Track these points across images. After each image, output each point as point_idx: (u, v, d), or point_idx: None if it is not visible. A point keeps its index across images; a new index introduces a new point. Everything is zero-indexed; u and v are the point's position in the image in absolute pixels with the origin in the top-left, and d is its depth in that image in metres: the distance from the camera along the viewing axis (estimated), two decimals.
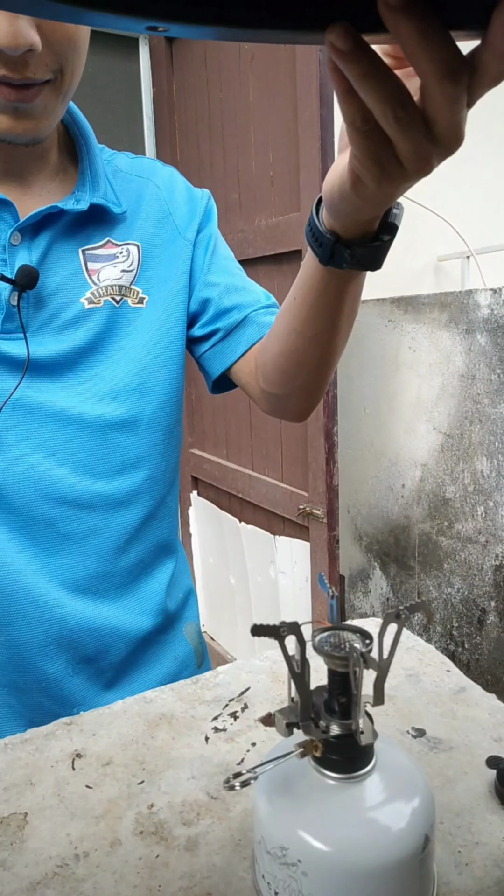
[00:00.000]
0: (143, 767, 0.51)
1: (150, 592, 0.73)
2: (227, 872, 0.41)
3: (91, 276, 0.67)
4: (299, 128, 1.68)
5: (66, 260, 0.66)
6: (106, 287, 0.67)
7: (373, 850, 0.35)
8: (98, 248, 0.68)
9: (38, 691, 0.68)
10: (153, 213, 0.72)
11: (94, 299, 0.67)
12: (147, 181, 0.74)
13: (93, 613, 0.68)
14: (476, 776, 0.49)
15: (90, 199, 0.66)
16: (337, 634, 0.39)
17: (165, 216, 0.73)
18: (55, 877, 0.41)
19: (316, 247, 0.50)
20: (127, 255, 0.69)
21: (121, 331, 0.68)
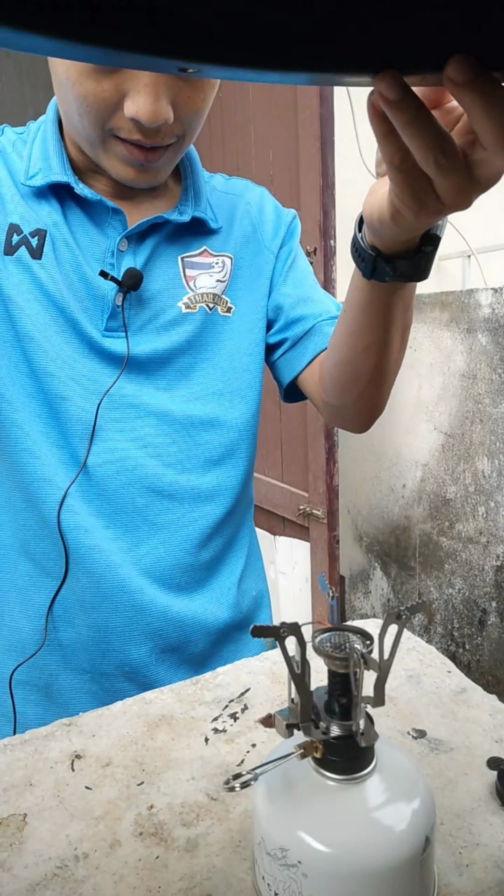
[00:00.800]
0: (142, 768, 0.51)
1: (224, 587, 0.76)
2: (227, 874, 0.41)
3: (188, 283, 0.72)
4: (299, 126, 1.68)
5: (167, 266, 0.72)
6: (202, 294, 0.73)
7: (373, 851, 0.35)
8: (196, 257, 0.73)
9: (121, 676, 0.71)
10: (244, 228, 0.78)
11: (190, 304, 0.72)
12: (239, 198, 0.79)
13: (173, 603, 0.71)
14: (477, 777, 0.48)
15: (192, 212, 0.72)
16: (337, 635, 0.39)
17: (254, 231, 0.78)
18: (55, 878, 0.41)
19: (359, 262, 0.52)
20: (222, 266, 0.75)
21: (211, 336, 0.73)
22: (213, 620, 0.74)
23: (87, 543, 0.68)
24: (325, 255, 1.67)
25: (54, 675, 0.70)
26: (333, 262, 1.68)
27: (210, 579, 0.75)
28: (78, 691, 0.70)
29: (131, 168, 0.63)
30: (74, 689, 0.70)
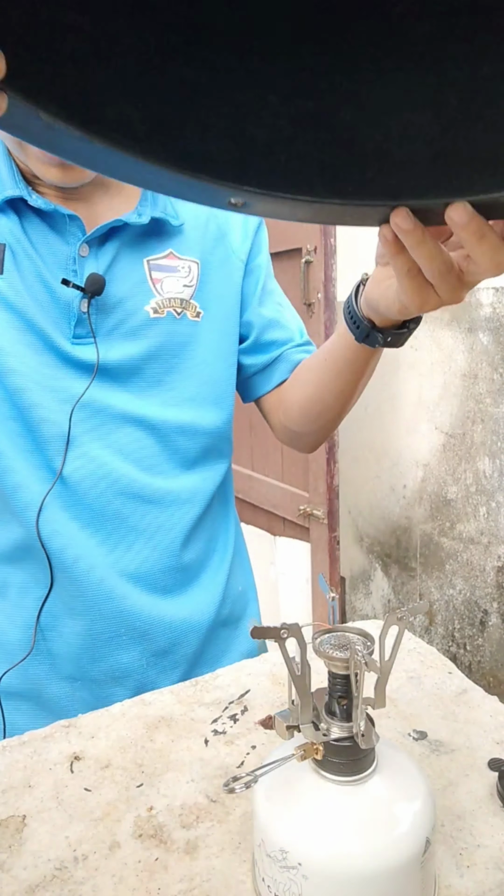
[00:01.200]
0: (142, 770, 0.50)
1: (210, 585, 0.77)
2: (226, 875, 0.41)
3: (155, 286, 0.72)
4: None
5: (132, 269, 0.71)
6: (169, 299, 0.72)
7: (374, 852, 0.35)
8: (162, 259, 0.72)
9: (112, 682, 0.71)
10: (211, 231, 0.77)
11: (158, 309, 0.71)
12: None
13: (160, 606, 0.72)
14: (478, 778, 0.48)
15: (151, 212, 0.70)
16: (338, 636, 0.39)
17: (222, 235, 0.77)
18: (54, 879, 0.41)
19: (353, 328, 0.61)
20: (188, 270, 0.74)
21: (181, 341, 0.73)
22: (201, 619, 0.74)
23: (69, 552, 0.68)
24: (325, 253, 1.67)
25: (44, 684, 0.70)
26: (333, 261, 1.68)
27: (195, 579, 0.76)
28: (69, 699, 0.70)
29: (53, 167, 0.62)
30: (65, 698, 0.70)
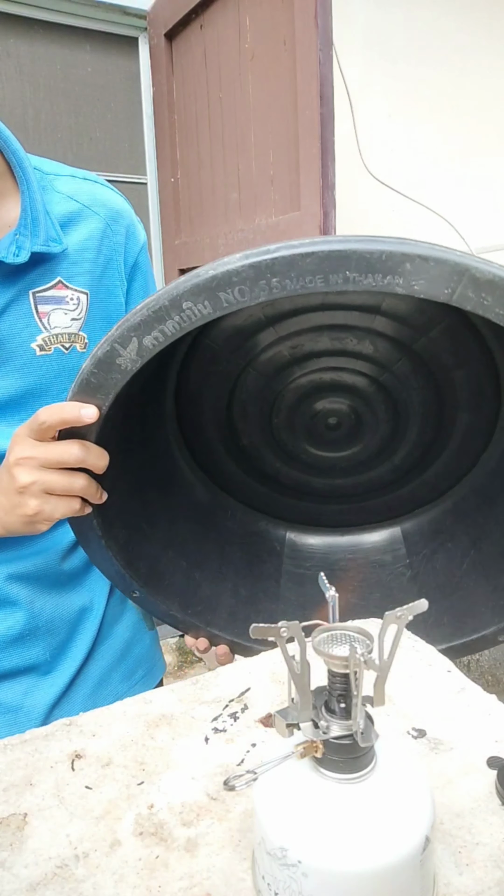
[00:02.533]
0: (142, 768, 0.51)
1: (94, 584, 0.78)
2: (226, 873, 0.41)
3: (42, 320, 0.68)
4: (299, 127, 1.68)
5: (17, 303, 0.66)
6: (56, 335, 0.69)
7: (373, 850, 0.35)
8: (48, 290, 0.68)
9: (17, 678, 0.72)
10: (104, 256, 0.72)
11: (45, 346, 0.68)
12: (93, 214, 0.72)
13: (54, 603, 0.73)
14: (477, 777, 0.48)
15: (31, 247, 0.65)
16: (337, 635, 0.39)
17: (111, 257, 0.73)
18: (55, 877, 0.41)
19: None
20: (77, 302, 0.70)
21: (70, 375, 0.70)
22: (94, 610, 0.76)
23: None
24: None
25: None
26: None
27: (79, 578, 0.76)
28: None
29: None
30: None
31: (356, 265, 0.44)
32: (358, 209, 2.44)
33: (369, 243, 0.45)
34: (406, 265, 0.44)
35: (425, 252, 0.44)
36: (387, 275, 0.44)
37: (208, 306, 0.47)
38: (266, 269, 0.45)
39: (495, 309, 0.45)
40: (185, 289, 0.47)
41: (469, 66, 2.65)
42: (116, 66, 2.47)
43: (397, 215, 2.54)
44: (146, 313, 0.49)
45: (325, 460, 0.77)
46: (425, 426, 0.74)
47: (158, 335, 0.49)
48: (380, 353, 0.69)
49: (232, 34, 1.92)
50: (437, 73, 2.60)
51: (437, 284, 0.44)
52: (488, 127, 2.74)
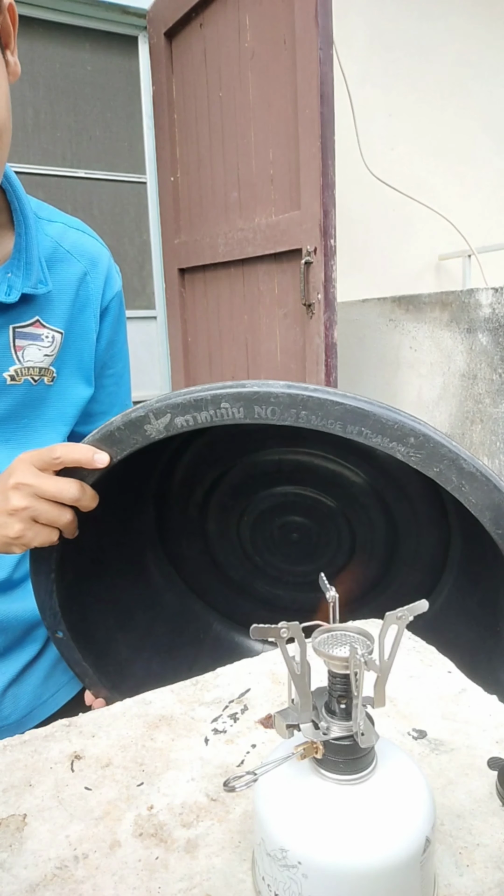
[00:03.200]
0: (142, 769, 0.51)
1: None
2: (226, 874, 0.41)
3: (16, 353, 0.72)
4: (299, 126, 1.68)
5: None
6: (28, 367, 0.73)
7: (373, 851, 0.35)
8: (27, 327, 0.73)
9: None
10: (80, 299, 0.78)
11: (16, 377, 0.72)
12: (78, 263, 0.78)
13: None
14: (477, 778, 0.48)
15: (21, 287, 0.70)
16: (337, 636, 0.39)
17: (88, 304, 0.79)
18: (54, 878, 0.41)
19: None
20: (52, 341, 0.75)
21: (35, 404, 0.75)
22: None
23: None
24: (325, 254, 1.67)
25: None
26: (333, 262, 1.68)
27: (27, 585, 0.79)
28: None
29: None
30: None
31: (372, 425, 0.52)
32: (358, 208, 2.44)
33: (388, 411, 0.52)
34: (411, 439, 0.52)
35: (428, 432, 0.52)
36: (393, 440, 0.52)
37: (242, 412, 0.54)
38: (300, 402, 0.52)
39: (469, 497, 0.53)
40: (228, 393, 0.54)
41: (469, 65, 2.65)
42: (116, 65, 2.47)
43: (397, 214, 2.54)
44: (189, 399, 0.55)
45: (276, 569, 0.81)
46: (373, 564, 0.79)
47: (190, 419, 0.55)
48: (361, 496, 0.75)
49: (232, 33, 1.92)
50: (438, 73, 2.60)
51: (429, 461, 0.52)
52: (488, 126, 2.74)
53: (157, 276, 2.59)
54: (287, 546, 0.78)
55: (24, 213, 0.72)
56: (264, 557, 0.80)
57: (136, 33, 2.43)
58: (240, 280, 2.05)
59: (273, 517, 0.77)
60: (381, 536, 0.77)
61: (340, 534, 0.78)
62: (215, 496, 0.78)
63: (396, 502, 0.74)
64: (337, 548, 0.79)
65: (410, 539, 0.76)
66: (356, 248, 2.45)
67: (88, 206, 2.60)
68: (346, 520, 0.77)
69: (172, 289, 2.49)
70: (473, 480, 0.52)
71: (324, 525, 0.77)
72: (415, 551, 0.77)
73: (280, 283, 1.87)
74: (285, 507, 0.76)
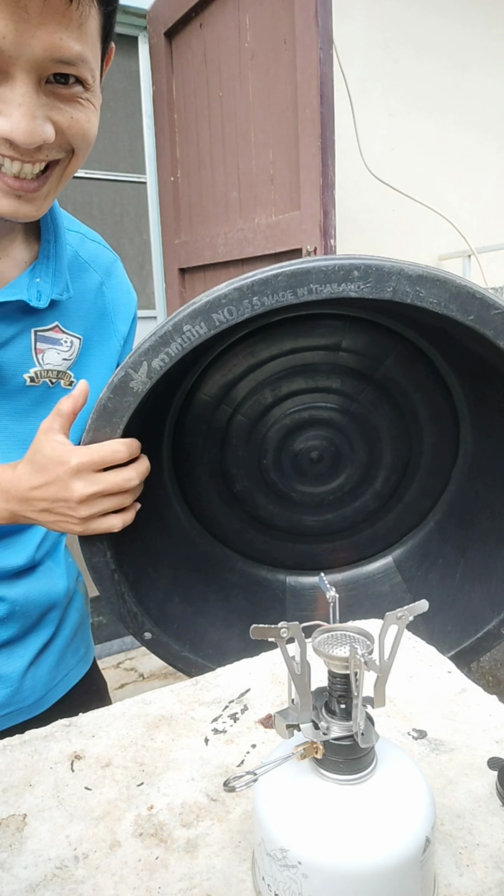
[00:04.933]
0: (142, 769, 0.51)
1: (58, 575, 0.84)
2: (226, 874, 0.41)
3: (37, 356, 0.74)
4: (299, 126, 1.68)
5: (21, 338, 0.73)
6: (47, 370, 0.75)
7: (374, 851, 0.35)
8: (48, 331, 0.75)
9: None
10: (97, 308, 0.80)
11: (35, 378, 0.74)
12: (95, 273, 0.81)
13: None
14: (477, 778, 0.48)
15: (50, 294, 0.72)
16: (338, 636, 0.39)
17: (105, 313, 0.81)
18: (54, 878, 0.41)
19: None
20: (70, 345, 0.77)
21: (49, 406, 0.75)
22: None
23: None
24: (325, 254, 1.67)
25: None
26: None
27: (49, 573, 0.82)
28: None
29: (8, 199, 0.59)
30: None
31: (316, 278, 0.55)
32: (358, 208, 2.44)
33: (325, 261, 0.55)
34: (354, 272, 0.55)
35: (368, 261, 0.55)
36: (340, 283, 0.55)
37: (204, 326, 0.56)
38: (247, 290, 0.55)
39: (429, 299, 0.55)
40: (184, 314, 0.56)
41: (469, 65, 2.65)
42: (116, 65, 2.47)
43: (397, 214, 2.54)
44: (153, 339, 0.57)
45: (314, 496, 0.82)
46: (397, 449, 0.81)
47: (164, 357, 0.57)
48: (346, 385, 0.78)
49: (232, 33, 1.92)
50: (438, 72, 2.60)
51: (380, 286, 0.55)
52: (488, 126, 2.74)
53: (157, 276, 2.59)
54: (311, 467, 0.79)
55: (55, 221, 0.74)
56: (288, 483, 0.81)
57: (136, 33, 2.43)
58: None
59: (292, 439, 0.78)
60: (390, 417, 0.79)
61: (353, 444, 0.79)
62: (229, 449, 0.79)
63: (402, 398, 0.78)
64: (352, 459, 0.80)
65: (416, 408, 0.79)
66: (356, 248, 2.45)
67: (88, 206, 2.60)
68: (358, 426, 0.79)
69: (172, 289, 2.48)
70: (425, 281, 0.55)
71: (332, 430, 0.78)
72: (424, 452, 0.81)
73: None
74: (292, 430, 0.78)
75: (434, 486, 0.84)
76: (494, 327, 0.55)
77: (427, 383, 0.77)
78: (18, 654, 0.79)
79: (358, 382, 0.78)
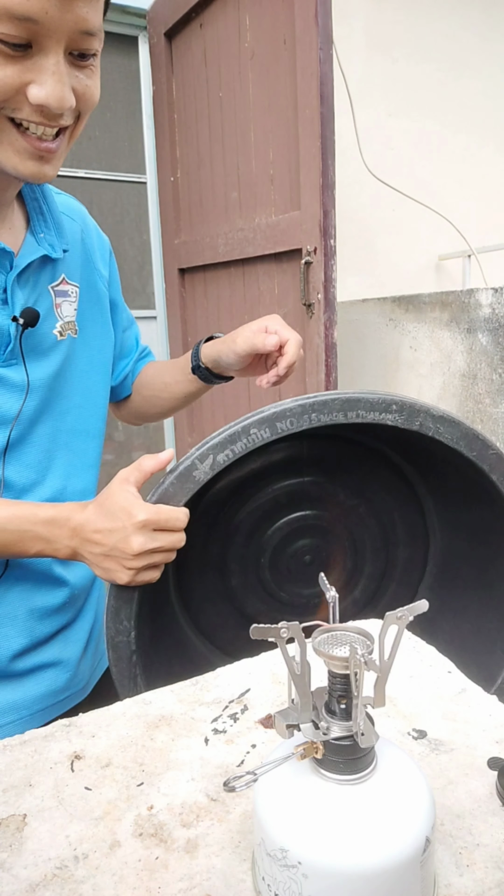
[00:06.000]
0: (142, 769, 0.51)
1: None
2: (226, 874, 0.41)
3: (57, 311, 0.78)
4: (299, 126, 1.67)
5: (44, 297, 0.77)
6: (67, 323, 0.80)
7: (374, 851, 0.35)
8: (59, 285, 0.79)
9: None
10: (83, 254, 0.84)
11: (61, 332, 0.79)
12: (73, 221, 0.85)
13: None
14: (477, 777, 0.48)
15: (60, 244, 0.77)
16: (338, 636, 0.39)
17: (89, 258, 0.86)
18: (54, 878, 0.41)
19: (199, 372, 0.91)
20: (75, 295, 0.82)
21: (71, 358, 0.81)
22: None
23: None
24: (325, 254, 1.66)
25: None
26: (333, 262, 1.68)
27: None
28: None
29: (31, 161, 0.63)
30: None
31: (364, 406, 0.67)
32: (358, 208, 2.44)
33: (372, 394, 0.67)
34: (393, 406, 0.67)
35: (404, 399, 0.67)
36: (381, 412, 0.67)
37: (268, 432, 0.65)
38: (309, 408, 0.65)
39: (445, 436, 0.68)
40: (253, 419, 0.64)
41: (469, 65, 2.65)
42: (116, 65, 2.47)
43: (397, 214, 2.54)
44: (224, 437, 0.64)
45: (300, 598, 0.87)
46: (376, 560, 0.89)
47: (229, 453, 0.64)
48: (348, 498, 0.87)
49: (232, 33, 1.92)
50: (438, 72, 2.59)
51: (410, 419, 0.68)
52: (488, 126, 2.74)
53: (157, 276, 2.59)
54: (302, 569, 0.85)
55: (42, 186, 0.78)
56: (286, 588, 0.85)
57: (136, 33, 2.43)
58: (240, 280, 2.05)
59: (285, 547, 0.84)
60: (375, 531, 0.87)
61: (342, 542, 0.86)
62: (232, 546, 0.83)
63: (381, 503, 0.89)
64: (343, 557, 0.86)
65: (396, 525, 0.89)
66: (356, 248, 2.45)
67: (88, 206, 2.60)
68: (344, 528, 0.85)
69: (172, 289, 2.48)
70: (444, 422, 0.68)
71: (327, 538, 0.85)
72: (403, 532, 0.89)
73: (280, 283, 1.87)
74: (292, 534, 0.84)
75: (403, 599, 0.92)
76: (489, 463, 0.70)
77: (406, 503, 0.88)
78: (74, 639, 0.83)
79: (356, 499, 0.86)
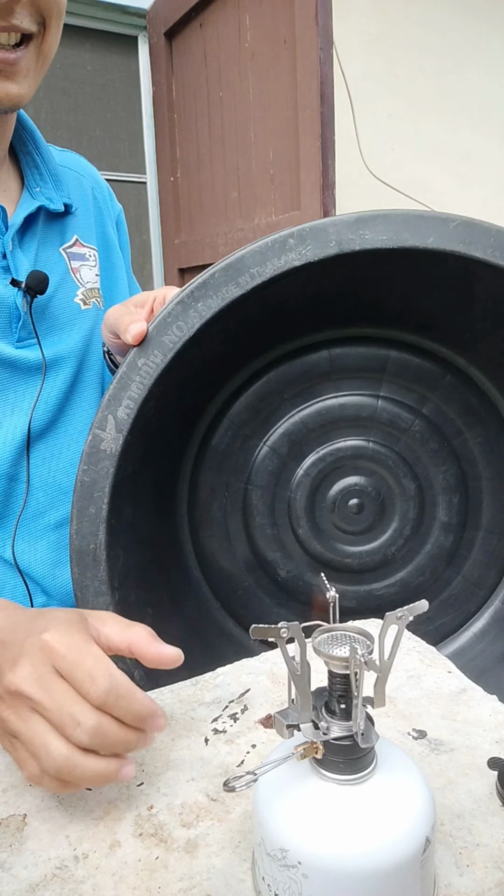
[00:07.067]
0: (142, 769, 0.51)
1: None
2: (226, 874, 0.41)
3: (76, 276, 0.70)
4: (299, 126, 1.68)
5: (55, 261, 0.68)
6: (90, 290, 0.71)
7: (373, 851, 0.35)
8: (73, 247, 0.71)
9: None
10: (99, 214, 0.76)
11: (85, 300, 0.70)
12: (82, 178, 0.76)
13: None
14: (477, 778, 0.48)
15: (59, 197, 0.68)
16: (338, 635, 0.39)
17: (102, 219, 0.77)
18: (54, 878, 0.41)
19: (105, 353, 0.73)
20: (95, 259, 0.73)
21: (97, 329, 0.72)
22: None
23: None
24: None
25: None
26: None
27: None
28: None
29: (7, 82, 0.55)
30: None
31: (252, 261, 0.55)
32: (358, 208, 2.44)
33: (256, 241, 0.57)
34: (289, 241, 0.57)
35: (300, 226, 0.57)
36: (280, 256, 0.56)
37: (158, 354, 0.53)
38: (189, 299, 0.52)
39: (378, 236, 0.55)
40: (133, 350, 0.53)
41: (469, 65, 2.65)
42: (116, 65, 2.47)
43: None
44: (111, 389, 0.53)
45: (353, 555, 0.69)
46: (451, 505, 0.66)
47: (129, 402, 0.52)
48: (393, 416, 0.66)
49: (232, 33, 1.92)
50: (438, 72, 2.59)
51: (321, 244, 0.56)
52: (489, 125, 2.74)
53: (157, 276, 2.59)
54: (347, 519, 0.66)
55: (29, 132, 0.69)
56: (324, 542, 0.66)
57: (136, 33, 2.43)
58: None
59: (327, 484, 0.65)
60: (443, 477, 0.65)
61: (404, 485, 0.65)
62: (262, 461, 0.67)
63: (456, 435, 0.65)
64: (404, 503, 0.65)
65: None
66: None
67: None
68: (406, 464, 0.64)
69: None
70: (364, 223, 0.53)
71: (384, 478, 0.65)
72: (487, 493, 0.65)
73: None
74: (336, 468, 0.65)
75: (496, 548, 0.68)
76: (462, 239, 0.50)
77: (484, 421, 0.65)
78: None
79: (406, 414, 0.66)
